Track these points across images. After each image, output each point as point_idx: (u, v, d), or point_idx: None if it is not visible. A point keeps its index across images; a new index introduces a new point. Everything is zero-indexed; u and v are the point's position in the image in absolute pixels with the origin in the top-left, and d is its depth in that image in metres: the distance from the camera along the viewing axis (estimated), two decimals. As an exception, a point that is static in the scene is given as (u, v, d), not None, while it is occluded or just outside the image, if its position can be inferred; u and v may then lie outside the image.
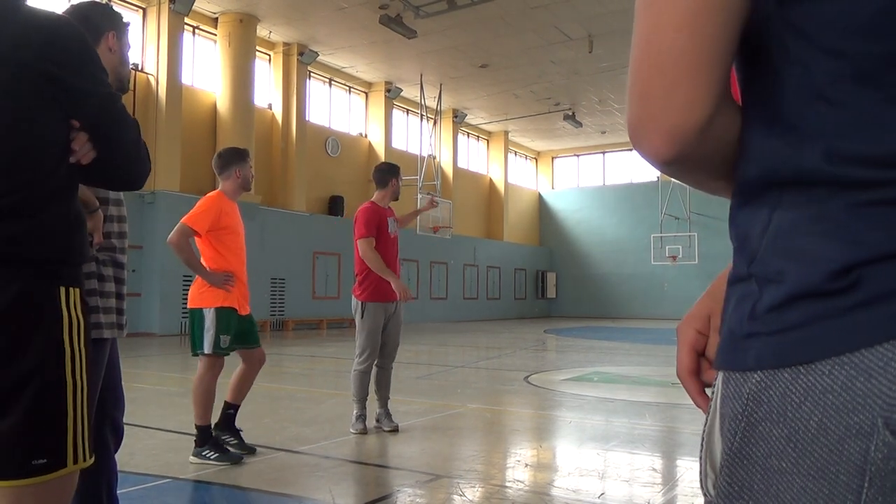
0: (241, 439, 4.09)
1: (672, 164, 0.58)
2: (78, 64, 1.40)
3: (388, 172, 5.06)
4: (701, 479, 0.62)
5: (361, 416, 4.71)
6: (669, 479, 3.75)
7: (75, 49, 1.40)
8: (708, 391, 0.68)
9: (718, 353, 0.60)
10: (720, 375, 0.60)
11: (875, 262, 0.50)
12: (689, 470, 3.89)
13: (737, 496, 0.56)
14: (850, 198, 0.52)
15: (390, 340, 4.89)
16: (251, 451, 4.08)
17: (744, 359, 0.56)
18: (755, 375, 0.54)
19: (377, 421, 4.80)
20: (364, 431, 4.66)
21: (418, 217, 18.87)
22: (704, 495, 0.62)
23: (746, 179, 0.59)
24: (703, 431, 0.62)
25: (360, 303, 4.77)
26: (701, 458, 0.62)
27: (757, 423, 0.54)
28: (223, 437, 4.03)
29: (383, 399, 4.84)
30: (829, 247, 0.52)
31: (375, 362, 4.82)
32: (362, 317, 4.74)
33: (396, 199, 5.02)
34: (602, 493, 3.39)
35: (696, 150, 0.57)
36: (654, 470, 3.97)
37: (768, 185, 0.57)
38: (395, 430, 4.74)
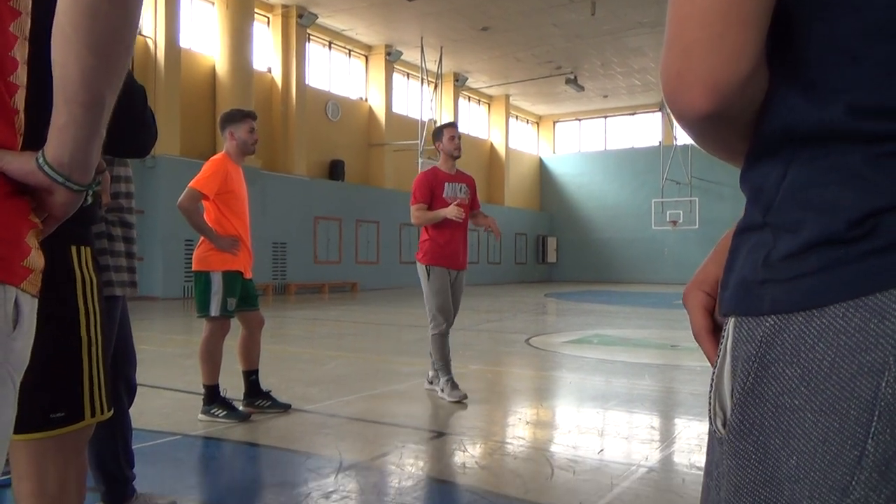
0: (273, 399, 4.19)
1: (709, 119, 0.58)
2: None
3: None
4: (710, 418, 0.65)
5: (450, 381, 4.56)
6: (667, 437, 3.83)
7: None
8: None
9: (729, 299, 0.62)
10: (731, 321, 0.62)
11: (892, 209, 0.52)
12: (686, 428, 3.98)
13: (747, 433, 0.59)
14: (870, 150, 0.53)
15: (453, 305, 4.70)
16: (287, 407, 4.19)
17: (759, 304, 0.58)
18: (769, 319, 0.57)
19: (429, 382, 4.77)
20: (465, 396, 4.49)
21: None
22: (713, 433, 0.65)
23: (764, 134, 0.60)
24: (713, 373, 0.65)
25: (424, 266, 4.64)
26: (710, 398, 0.64)
27: (770, 363, 0.57)
28: (257, 403, 4.14)
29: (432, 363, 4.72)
30: (848, 196, 0.54)
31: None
32: (428, 279, 4.61)
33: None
34: (601, 450, 3.47)
35: (733, 106, 0.57)
36: (653, 428, 4.05)
37: (786, 140, 0.58)
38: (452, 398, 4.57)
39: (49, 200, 0.86)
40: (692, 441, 3.63)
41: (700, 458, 3.22)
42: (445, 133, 4.77)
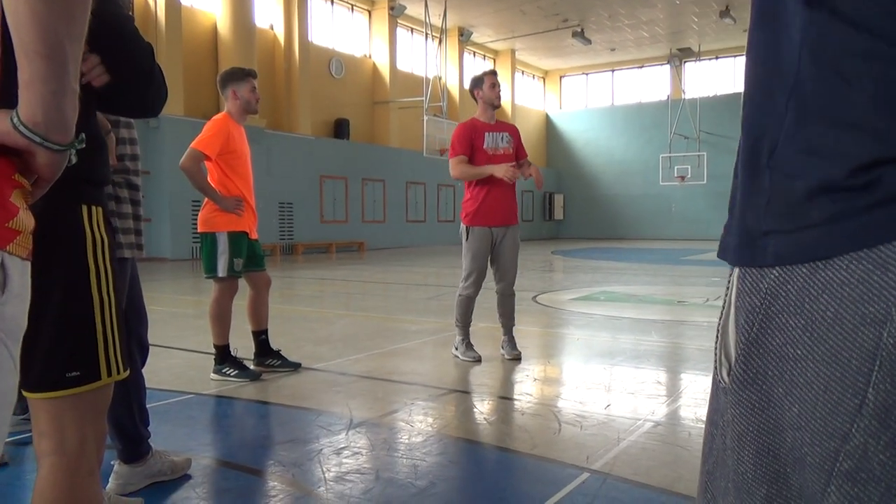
0: (283, 358, 4.26)
1: None
2: None
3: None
4: (715, 368, 0.66)
5: (466, 342, 4.57)
6: (673, 392, 3.87)
7: None
8: (718, 289, 0.70)
9: (734, 251, 0.62)
10: (735, 271, 0.62)
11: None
12: (692, 383, 4.01)
13: (751, 382, 0.60)
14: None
15: (503, 263, 4.60)
16: (297, 366, 4.26)
17: (762, 256, 0.58)
18: (773, 271, 0.57)
19: (502, 348, 4.70)
20: (478, 359, 4.50)
21: (424, 139, 18.70)
22: (718, 383, 0.66)
23: (770, 75, 0.60)
24: (718, 324, 0.66)
25: (464, 226, 4.57)
26: (716, 349, 0.66)
27: (774, 315, 0.57)
28: (267, 362, 4.21)
29: (505, 326, 4.65)
30: (853, 143, 0.53)
31: (496, 289, 4.64)
32: (466, 239, 4.54)
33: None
34: (608, 405, 3.51)
35: None
36: (659, 383, 4.09)
37: (790, 78, 0.57)
38: (517, 359, 4.57)
39: (32, 161, 0.83)
40: (698, 395, 3.66)
41: (706, 413, 3.25)
42: (486, 80, 4.58)
